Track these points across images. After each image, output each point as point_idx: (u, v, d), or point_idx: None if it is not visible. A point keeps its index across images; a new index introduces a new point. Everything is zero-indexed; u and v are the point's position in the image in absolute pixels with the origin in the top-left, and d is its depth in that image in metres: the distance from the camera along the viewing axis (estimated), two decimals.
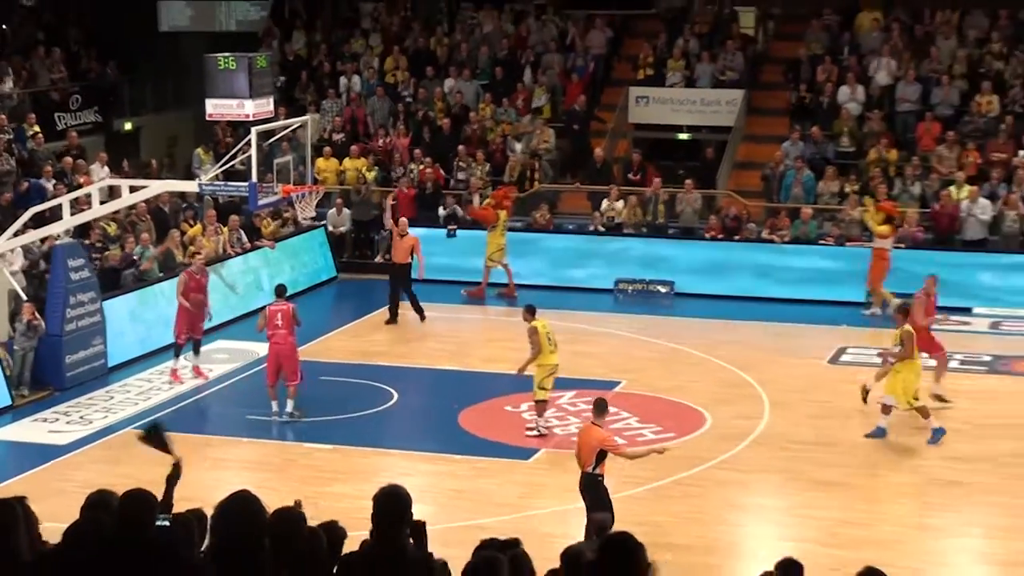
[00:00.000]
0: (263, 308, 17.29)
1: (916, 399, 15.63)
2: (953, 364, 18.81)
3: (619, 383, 17.95)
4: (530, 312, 16.14)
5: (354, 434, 16.22)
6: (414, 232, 21.87)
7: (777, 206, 23.95)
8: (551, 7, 28.98)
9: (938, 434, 15.48)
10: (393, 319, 21.35)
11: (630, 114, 26.93)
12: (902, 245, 22.03)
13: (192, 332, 18.38)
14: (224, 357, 19.39)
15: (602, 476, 11.92)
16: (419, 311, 21.42)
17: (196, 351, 18.52)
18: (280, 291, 17.35)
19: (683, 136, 27.29)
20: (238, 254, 22.02)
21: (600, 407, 12.26)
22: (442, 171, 25.60)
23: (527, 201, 25.15)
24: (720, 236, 23.57)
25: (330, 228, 24.74)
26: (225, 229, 22.03)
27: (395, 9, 29.69)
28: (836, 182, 23.96)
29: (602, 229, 24.20)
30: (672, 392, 17.64)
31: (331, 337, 20.59)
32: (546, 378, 15.82)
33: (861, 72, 25.86)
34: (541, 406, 15.94)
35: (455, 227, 23.96)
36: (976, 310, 21.59)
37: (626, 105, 26.88)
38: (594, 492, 11.92)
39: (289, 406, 16.59)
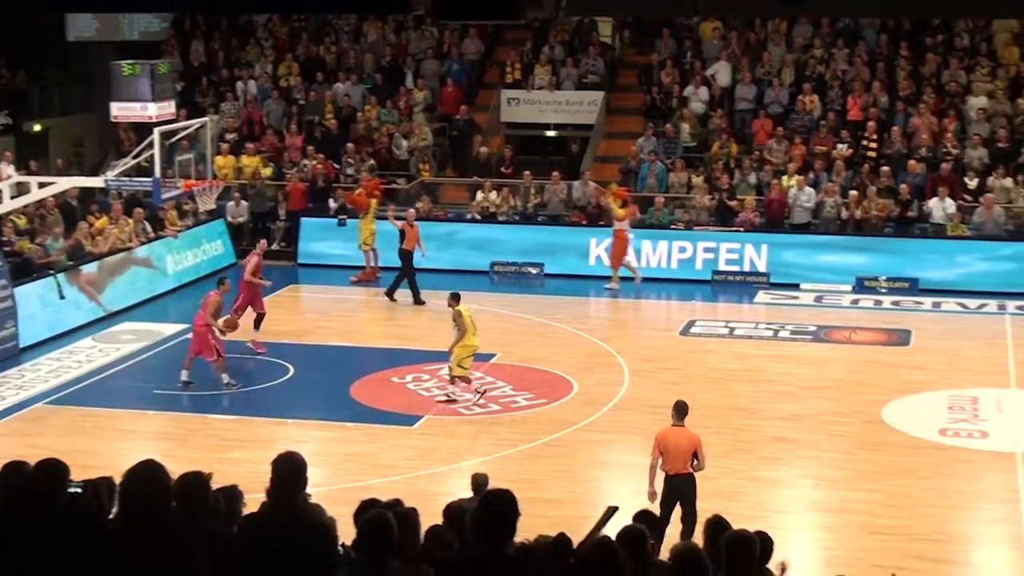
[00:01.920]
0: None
1: None
2: (783, 334, 19.25)
3: (495, 355, 17.94)
4: (455, 298, 16.07)
5: (253, 405, 15.99)
6: (310, 220, 21.62)
7: (635, 195, 24.17)
8: (429, 18, 28.79)
9: None
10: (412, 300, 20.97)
11: (502, 114, 26.95)
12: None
13: (256, 307, 18.11)
14: (131, 337, 18.97)
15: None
16: (392, 292, 21.12)
17: (257, 326, 18.22)
18: (218, 281, 17.15)
19: (550, 133, 27.41)
20: (143, 243, 21.63)
21: (682, 410, 11.52)
22: (334, 166, 25.41)
23: (410, 193, 25.04)
24: (584, 222, 23.72)
25: (229, 219, 24.41)
26: (131, 221, 21.61)
27: (287, 20, 29.35)
28: (684, 173, 24.27)
29: (478, 217, 24.20)
30: (542, 362, 17.70)
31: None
32: (466, 358, 15.73)
33: (704, 75, 26.22)
34: (461, 381, 15.84)
35: (345, 217, 23.73)
36: (803, 286, 22.07)
37: (498, 106, 26.91)
38: (693, 491, 11.18)
39: (184, 375, 16.39)
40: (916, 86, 25.05)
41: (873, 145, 24.01)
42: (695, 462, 11.27)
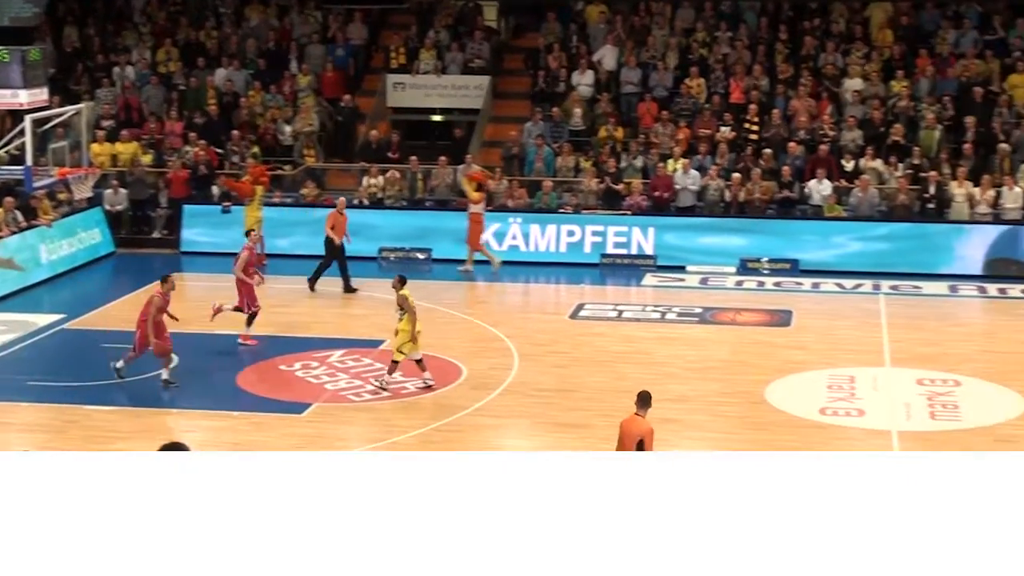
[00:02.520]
0: None
1: None
2: (671, 316, 19.52)
3: (383, 341, 17.85)
4: (401, 281, 15.88)
5: (135, 396, 15.66)
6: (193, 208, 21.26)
7: (522, 179, 24.29)
8: (313, 2, 28.54)
9: None
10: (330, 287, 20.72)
11: (388, 99, 26.84)
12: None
13: (250, 303, 17.64)
14: (2, 328, 18.44)
15: None
16: (348, 284, 20.81)
17: (249, 323, 17.71)
18: (161, 279, 16.38)
19: (436, 118, 27.36)
20: (13, 233, 21.09)
21: (644, 400, 11.20)
22: (216, 152, 25.02)
23: (296, 178, 24.81)
24: None
25: (107, 207, 23.89)
26: (0, 210, 21.02)
27: (165, 5, 28.81)
28: (572, 157, 24.44)
29: (366, 203, 24.06)
30: (431, 348, 17.60)
31: (111, 307, 19.80)
32: (406, 343, 15.55)
33: (590, 60, 26.40)
34: (394, 366, 15.69)
35: (229, 204, 23.38)
36: (689, 268, 22.41)
37: (384, 91, 26.77)
38: None
39: (164, 373, 15.98)
40: (795, 69, 25.60)
41: (755, 128, 24.48)
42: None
